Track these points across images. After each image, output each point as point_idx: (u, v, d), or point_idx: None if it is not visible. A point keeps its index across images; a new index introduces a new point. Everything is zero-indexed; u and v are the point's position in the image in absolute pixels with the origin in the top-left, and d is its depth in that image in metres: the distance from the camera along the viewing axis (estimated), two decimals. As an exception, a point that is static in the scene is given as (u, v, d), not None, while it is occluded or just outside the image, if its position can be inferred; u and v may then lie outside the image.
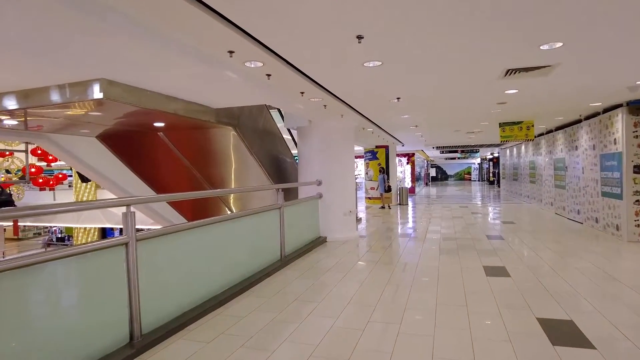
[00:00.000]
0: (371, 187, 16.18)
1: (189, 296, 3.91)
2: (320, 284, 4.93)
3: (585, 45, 3.87)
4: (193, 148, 7.67)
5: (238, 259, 4.88)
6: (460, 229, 9.00)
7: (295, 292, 4.64)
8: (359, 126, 9.61)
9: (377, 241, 7.87)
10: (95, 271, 2.90)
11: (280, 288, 4.80)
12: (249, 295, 4.53)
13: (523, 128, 9.49)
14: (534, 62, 4.40)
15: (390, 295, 4.44)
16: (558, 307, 3.91)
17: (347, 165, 8.29)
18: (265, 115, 8.07)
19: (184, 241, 3.90)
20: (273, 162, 8.43)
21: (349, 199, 8.26)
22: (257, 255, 5.34)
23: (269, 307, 4.16)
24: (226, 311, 4.03)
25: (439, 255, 6.33)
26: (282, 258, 6.03)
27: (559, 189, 11.14)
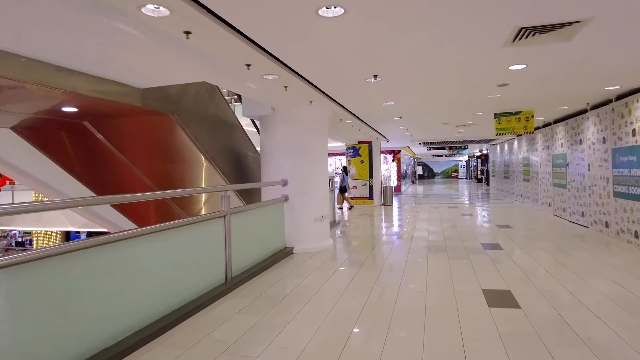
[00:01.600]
0: (353, 187, 14.92)
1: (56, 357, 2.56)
2: (266, 325, 3.61)
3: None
4: (127, 140, 6.28)
5: (153, 290, 3.54)
6: (451, 235, 7.78)
7: (227, 337, 3.32)
8: (335, 117, 8.31)
9: (353, 252, 6.59)
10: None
11: (209, 330, 3.47)
12: (160, 344, 3.19)
13: (522, 119, 8.32)
14: (558, 16, 3.15)
15: (357, 346, 3.16)
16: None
17: (320, 162, 6.99)
18: (219, 102, 6.71)
19: (55, 271, 2.56)
20: (229, 158, 7.08)
21: (321, 202, 6.97)
22: (186, 281, 4.01)
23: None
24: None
25: (426, 274, 5.08)
26: (228, 281, 4.70)
27: (558, 188, 10.03)
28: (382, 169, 21.30)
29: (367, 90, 5.87)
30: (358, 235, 8.36)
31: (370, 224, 9.93)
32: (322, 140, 7.07)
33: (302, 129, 6.71)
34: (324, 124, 7.17)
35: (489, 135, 14.79)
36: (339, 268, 5.57)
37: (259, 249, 5.70)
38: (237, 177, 7.25)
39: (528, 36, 3.57)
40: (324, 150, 7.17)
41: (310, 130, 6.81)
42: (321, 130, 7.06)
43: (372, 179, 14.69)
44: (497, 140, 17.51)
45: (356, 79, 5.15)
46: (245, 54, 3.87)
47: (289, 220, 6.64)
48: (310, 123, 6.81)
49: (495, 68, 4.77)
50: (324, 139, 7.19)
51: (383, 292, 4.37)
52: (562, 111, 8.77)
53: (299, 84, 5.17)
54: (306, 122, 6.74)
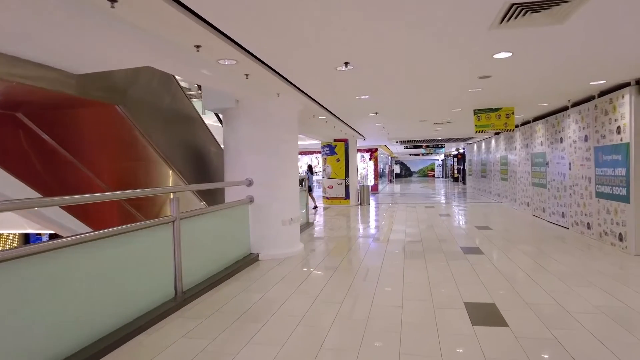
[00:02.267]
0: (329, 186, 14.41)
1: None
2: (215, 352, 3.04)
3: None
4: (71, 135, 5.55)
5: (78, 313, 2.91)
6: (428, 238, 7.36)
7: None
8: (307, 112, 7.77)
9: (325, 258, 6.06)
10: None
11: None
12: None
13: (502, 116, 7.97)
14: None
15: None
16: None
17: (289, 160, 6.43)
18: (176, 93, 6.06)
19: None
20: (188, 155, 6.44)
21: (291, 203, 6.41)
22: (122, 299, 3.39)
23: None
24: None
25: (403, 284, 4.60)
26: (177, 296, 4.10)
27: (537, 187, 9.78)
28: (359, 167, 20.92)
29: (339, 81, 5.35)
30: (332, 237, 7.85)
31: (345, 225, 9.44)
32: (291, 136, 6.52)
33: (270, 124, 6.13)
34: (293, 119, 6.61)
35: (467, 133, 14.55)
36: (308, 276, 5.04)
37: (218, 257, 5.10)
38: (198, 176, 6.62)
39: (518, 16, 3.11)
40: (294, 147, 6.62)
41: (279, 125, 6.24)
42: (290, 126, 6.50)
43: (349, 178, 14.22)
44: (474, 138, 17.35)
45: (326, 67, 4.61)
46: (193, 33, 3.27)
47: (254, 223, 6.06)
48: (279, 117, 6.24)
49: (478, 57, 4.32)
50: (294, 135, 6.64)
51: (355, 307, 3.86)
52: (543, 108, 8.49)
53: (261, 71, 4.60)
54: (274, 116, 6.17)
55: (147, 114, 5.28)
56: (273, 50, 3.95)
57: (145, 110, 5.24)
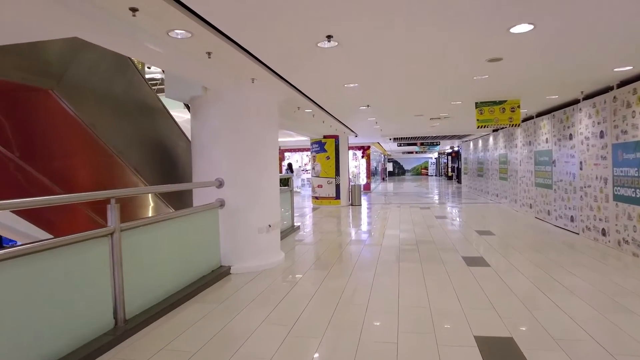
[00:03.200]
0: (318, 185, 13.59)
1: None
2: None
3: None
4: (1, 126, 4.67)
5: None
6: (426, 245, 6.58)
7: None
8: (290, 103, 6.94)
9: (308, 271, 5.25)
10: None
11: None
12: None
13: (506, 109, 7.20)
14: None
15: None
16: None
17: (267, 157, 5.60)
18: (132, 79, 5.20)
19: None
20: (149, 152, 5.57)
21: (269, 207, 5.59)
22: (39, 335, 2.54)
23: None
24: None
25: (398, 309, 3.80)
26: (118, 326, 3.26)
27: (542, 188, 9.05)
28: (351, 165, 20.13)
29: (323, 63, 4.53)
30: (319, 244, 7.04)
31: (334, 229, 8.63)
32: (270, 130, 5.68)
33: (244, 116, 5.29)
34: (272, 111, 5.77)
35: (464, 130, 13.82)
36: (285, 296, 4.22)
37: (178, 274, 4.26)
38: (163, 176, 5.76)
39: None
40: (273, 142, 5.78)
41: (255, 118, 5.41)
42: (269, 118, 5.66)
43: (339, 177, 13.41)
44: (471, 136, 16.64)
45: (306, 42, 3.78)
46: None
47: (225, 231, 5.23)
48: (255, 108, 5.40)
49: (491, 30, 3.52)
50: (273, 129, 5.80)
51: (337, 345, 3.05)
52: (550, 102, 7.74)
53: (227, 50, 3.76)
54: (249, 106, 5.33)
55: (93, 102, 4.42)
56: (237, 19, 3.11)
57: (90, 96, 4.37)
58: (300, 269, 5.39)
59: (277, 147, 5.92)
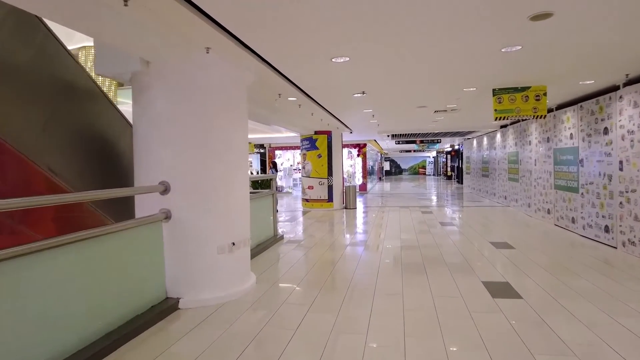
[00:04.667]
0: (309, 186, 12.30)
1: None
2: None
3: None
4: None
5: None
6: (434, 264, 5.33)
7: None
8: (266, 86, 5.66)
9: (282, 306, 3.97)
10: None
11: None
12: None
13: (530, 98, 5.95)
14: None
15: None
16: None
17: (232, 154, 4.32)
18: (46, 45, 3.89)
19: None
20: (74, 148, 4.27)
21: (234, 219, 4.31)
22: None
23: None
24: None
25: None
26: None
27: (564, 191, 7.81)
28: (346, 164, 18.87)
29: (300, 27, 3.25)
30: (303, 261, 5.76)
31: (324, 240, 7.36)
32: (235, 119, 4.39)
33: (199, 99, 4.01)
34: (239, 94, 4.48)
35: (470, 125, 12.59)
36: (250, 343, 2.95)
37: (90, 320, 2.97)
38: (96, 179, 4.46)
39: None
40: (241, 135, 4.50)
41: (214, 102, 4.12)
42: (234, 104, 4.37)
43: (332, 177, 12.13)
44: (474, 133, 15.41)
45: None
46: None
47: (172, 252, 3.94)
48: (214, 90, 4.11)
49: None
50: (240, 118, 4.51)
51: None
52: (580, 89, 6.49)
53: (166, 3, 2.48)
54: (206, 87, 4.05)
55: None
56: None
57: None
58: (276, 299, 4.11)
59: (246, 142, 4.63)
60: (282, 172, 19.89)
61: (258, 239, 6.49)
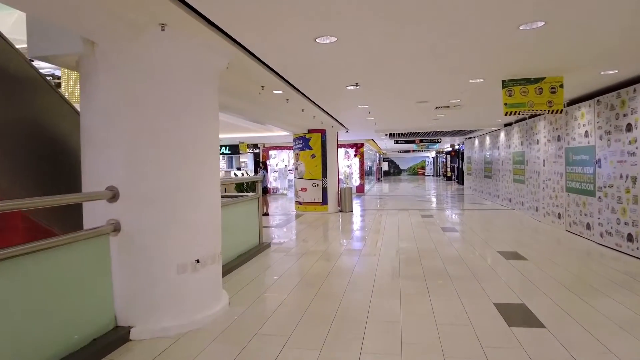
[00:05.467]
0: (302, 188, 11.62)
1: None
2: None
3: None
4: None
5: None
6: (439, 282, 4.65)
7: None
8: (244, 74, 4.98)
9: (257, 334, 3.28)
10: None
11: None
12: None
13: (544, 90, 5.28)
14: None
15: None
16: None
17: (197, 153, 3.64)
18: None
19: None
20: (8, 147, 3.59)
21: (199, 231, 3.62)
22: None
23: None
24: None
25: None
26: None
27: (577, 194, 7.14)
28: (343, 165, 18.20)
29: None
30: (288, 276, 5.09)
31: (315, 248, 6.68)
32: (202, 112, 3.71)
33: (155, 87, 3.33)
34: (206, 82, 3.80)
35: (473, 124, 11.93)
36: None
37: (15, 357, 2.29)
38: (37, 183, 3.77)
39: None
40: (210, 131, 3.81)
41: (174, 91, 3.44)
42: (200, 93, 3.69)
43: (327, 178, 11.45)
44: (477, 132, 14.74)
45: None
46: None
47: (123, 272, 3.26)
48: (174, 76, 3.43)
49: None
50: (209, 110, 3.82)
51: None
52: (600, 81, 5.83)
53: None
54: (164, 73, 3.36)
55: None
56: None
57: None
58: (248, 328, 3.43)
59: (216, 139, 3.95)
60: (276, 173, 19.21)
61: (238, 250, 5.80)
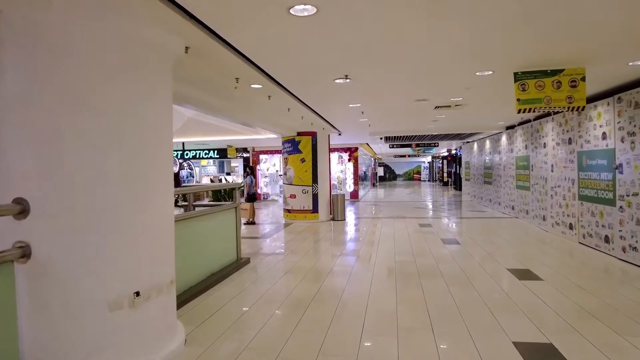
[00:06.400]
0: (291, 195, 10.83)
1: None
2: None
3: None
4: None
5: None
6: (442, 313, 3.90)
7: None
8: (212, 62, 4.23)
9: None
10: None
11: None
12: None
13: (563, 84, 4.57)
14: None
15: None
16: None
17: (143, 157, 2.87)
18: None
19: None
20: None
21: (146, 255, 2.84)
22: None
23: None
24: None
25: None
26: None
27: (592, 203, 6.42)
28: (337, 170, 17.46)
29: None
30: (263, 304, 4.30)
31: (299, 266, 5.91)
32: (147, 105, 2.94)
33: (82, 72, 2.56)
34: (156, 69, 3.03)
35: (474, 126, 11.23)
36: None
37: None
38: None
39: None
40: (159, 131, 3.04)
41: (110, 78, 2.67)
42: (146, 82, 2.92)
43: (318, 184, 10.68)
44: (476, 135, 14.06)
45: None
46: None
47: (36, 310, 2.47)
48: (109, 59, 2.66)
49: None
50: (157, 103, 3.05)
51: None
52: (624, 73, 5.14)
53: None
54: (95, 54, 2.60)
55: None
56: None
57: None
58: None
59: (168, 139, 3.18)
60: (267, 178, 18.44)
61: (209, 268, 5.02)
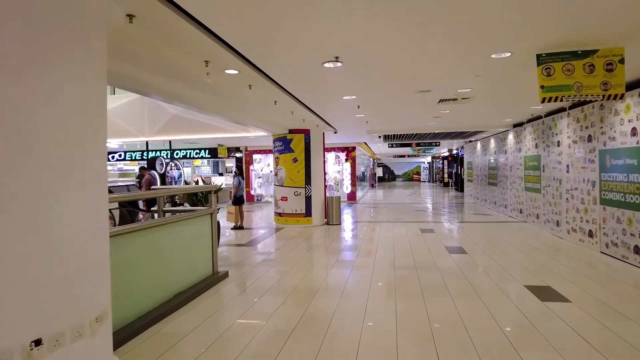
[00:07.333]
0: (282, 197, 10.06)
1: None
2: None
3: None
4: None
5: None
6: (452, 345, 3.14)
7: None
8: (171, 37, 3.47)
9: None
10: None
11: None
12: None
13: (597, 67, 3.81)
14: None
15: None
16: None
17: (57, 152, 2.10)
18: None
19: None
20: None
21: (55, 287, 2.07)
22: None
23: None
24: None
25: None
26: None
27: (617, 208, 5.67)
28: (333, 170, 16.70)
29: None
30: (234, 335, 3.54)
31: (284, 282, 5.14)
32: (64, 81, 2.17)
33: None
34: (79, 38, 2.26)
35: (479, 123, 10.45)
36: None
37: None
38: None
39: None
40: (84, 118, 2.27)
41: (12, 41, 1.90)
42: (61, 53, 2.15)
43: (311, 186, 9.91)
44: (481, 134, 13.30)
45: None
46: None
47: None
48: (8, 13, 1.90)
49: None
50: (78, 79, 2.28)
51: None
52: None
53: None
54: None
55: None
56: None
57: None
58: None
59: (100, 132, 2.40)
60: (261, 179, 17.67)
61: (176, 287, 4.25)
